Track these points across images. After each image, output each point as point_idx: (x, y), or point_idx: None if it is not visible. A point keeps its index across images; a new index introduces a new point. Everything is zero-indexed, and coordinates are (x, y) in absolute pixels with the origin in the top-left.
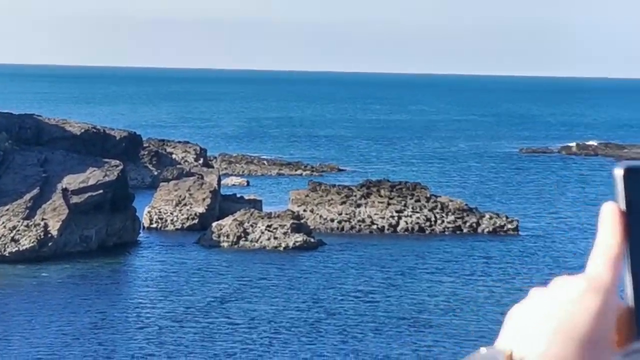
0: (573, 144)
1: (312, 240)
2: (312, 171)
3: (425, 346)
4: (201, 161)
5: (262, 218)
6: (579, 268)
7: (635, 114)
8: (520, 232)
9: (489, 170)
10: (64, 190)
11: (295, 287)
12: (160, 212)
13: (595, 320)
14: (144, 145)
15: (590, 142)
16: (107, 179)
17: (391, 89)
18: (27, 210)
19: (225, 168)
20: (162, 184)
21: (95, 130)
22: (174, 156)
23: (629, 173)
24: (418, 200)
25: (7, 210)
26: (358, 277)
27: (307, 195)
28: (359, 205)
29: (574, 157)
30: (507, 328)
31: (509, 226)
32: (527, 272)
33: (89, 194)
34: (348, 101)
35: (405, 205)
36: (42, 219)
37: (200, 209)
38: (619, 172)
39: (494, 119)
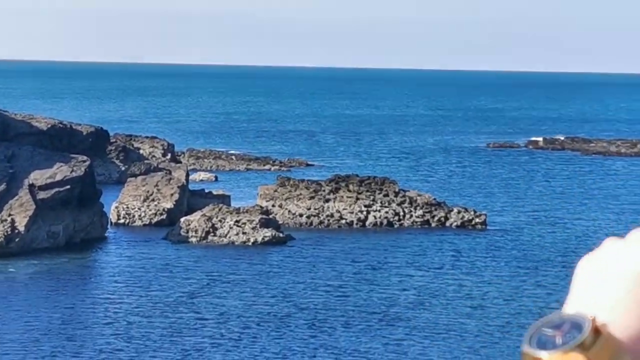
0: (540, 139)
1: (280, 235)
2: (281, 166)
3: (395, 340)
4: (169, 156)
5: (231, 213)
6: (547, 261)
7: (601, 109)
8: (488, 226)
9: (457, 164)
10: (31, 186)
11: (265, 282)
12: (128, 207)
13: None
14: (111, 140)
15: (557, 137)
16: (74, 174)
17: (359, 83)
18: None
19: (193, 163)
20: (129, 179)
21: (62, 126)
22: (141, 151)
23: None
24: (386, 195)
25: None
26: (327, 272)
27: (275, 190)
28: (327, 200)
29: (541, 152)
30: (580, 285)
31: (477, 220)
32: (496, 265)
33: (56, 189)
34: (316, 96)
35: (373, 200)
36: (9, 215)
37: (168, 205)
38: None
39: (461, 114)
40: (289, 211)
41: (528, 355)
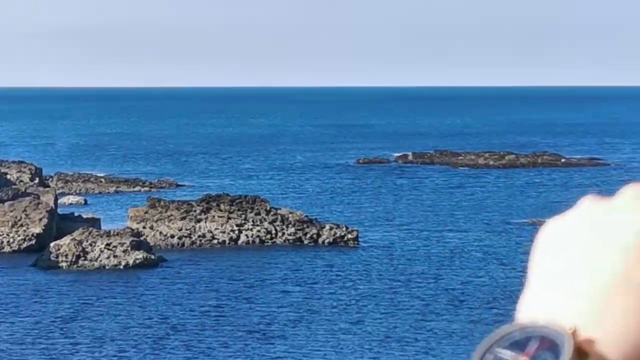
0: (409, 153)
1: (152, 257)
2: (151, 187)
3: (274, 358)
4: (37, 181)
5: (101, 236)
6: (420, 274)
7: (469, 121)
8: (360, 242)
9: (327, 181)
10: None
11: (139, 305)
12: None
13: None
14: None
15: (427, 151)
16: None
17: (229, 102)
18: None
19: (62, 187)
20: None
21: None
22: (8, 176)
23: None
24: (258, 214)
25: None
26: (203, 292)
27: (146, 212)
28: (199, 221)
29: (411, 166)
30: (546, 269)
31: (349, 236)
32: (370, 280)
33: None
34: (186, 116)
35: (245, 219)
36: None
37: (37, 230)
38: None
39: (332, 130)
40: (161, 232)
41: None
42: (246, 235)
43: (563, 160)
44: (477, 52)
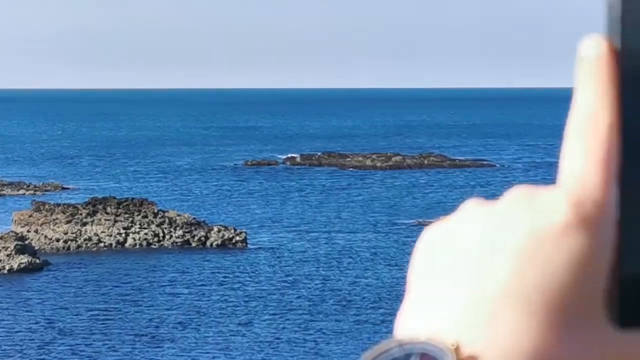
0: (297, 155)
1: (37, 261)
2: (35, 190)
3: None
4: None
5: None
6: (308, 275)
7: (357, 123)
8: (248, 243)
9: (215, 183)
10: None
11: (24, 309)
12: None
13: (587, 273)
14: None
15: (314, 152)
16: None
17: (113, 104)
18: None
19: None
20: None
21: None
22: None
23: None
24: (145, 216)
25: None
26: (90, 296)
27: (30, 216)
28: (85, 224)
29: (299, 168)
30: (426, 277)
31: (238, 238)
32: (258, 281)
33: None
34: (71, 118)
35: (132, 222)
36: None
37: None
38: None
39: (219, 132)
40: (46, 236)
41: None
42: (133, 239)
43: (448, 161)
44: (363, 54)
